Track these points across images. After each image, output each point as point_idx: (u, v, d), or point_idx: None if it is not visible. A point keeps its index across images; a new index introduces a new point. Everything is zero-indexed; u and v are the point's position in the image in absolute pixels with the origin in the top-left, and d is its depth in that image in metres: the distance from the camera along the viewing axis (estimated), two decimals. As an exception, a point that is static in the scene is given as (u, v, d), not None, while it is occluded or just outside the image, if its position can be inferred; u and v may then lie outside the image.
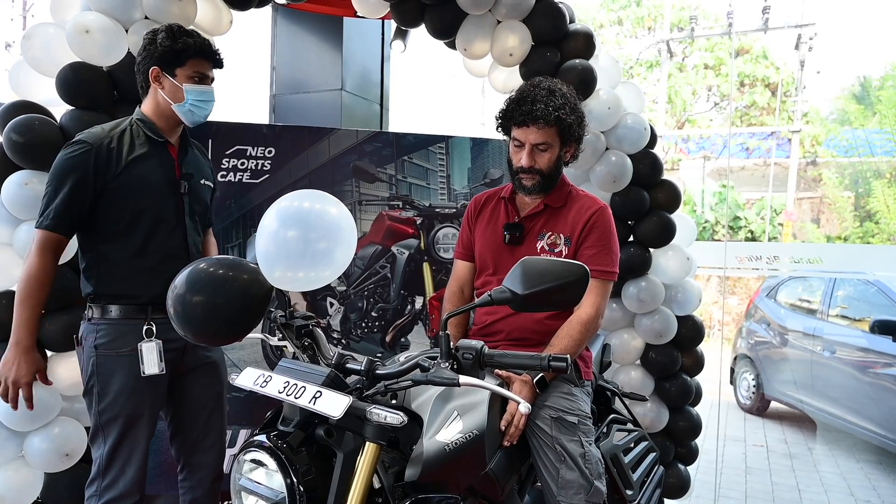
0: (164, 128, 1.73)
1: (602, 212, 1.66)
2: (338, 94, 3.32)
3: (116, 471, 1.63)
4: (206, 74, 1.70)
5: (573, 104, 1.63)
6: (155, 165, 1.69)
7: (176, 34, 1.65)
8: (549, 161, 1.63)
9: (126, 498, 1.63)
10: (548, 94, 1.59)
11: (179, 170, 1.75)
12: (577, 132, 1.64)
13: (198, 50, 1.66)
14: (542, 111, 1.56)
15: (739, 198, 11.27)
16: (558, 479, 1.46)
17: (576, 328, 1.58)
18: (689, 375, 2.54)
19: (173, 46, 1.64)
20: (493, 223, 1.74)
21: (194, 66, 1.66)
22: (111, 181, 1.62)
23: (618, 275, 1.69)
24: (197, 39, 1.67)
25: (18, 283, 1.63)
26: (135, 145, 1.67)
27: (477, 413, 1.34)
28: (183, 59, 1.65)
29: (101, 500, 1.63)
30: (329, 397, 1.06)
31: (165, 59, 1.65)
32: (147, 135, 1.69)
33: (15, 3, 10.25)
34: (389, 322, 2.74)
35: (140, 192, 1.65)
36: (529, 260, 1.13)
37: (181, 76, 1.66)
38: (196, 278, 1.26)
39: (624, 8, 13.96)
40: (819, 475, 3.76)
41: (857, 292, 4.31)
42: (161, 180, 1.70)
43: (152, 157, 1.69)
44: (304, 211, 1.28)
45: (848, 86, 12.03)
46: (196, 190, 1.78)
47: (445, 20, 2.32)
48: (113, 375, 1.63)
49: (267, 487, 1.09)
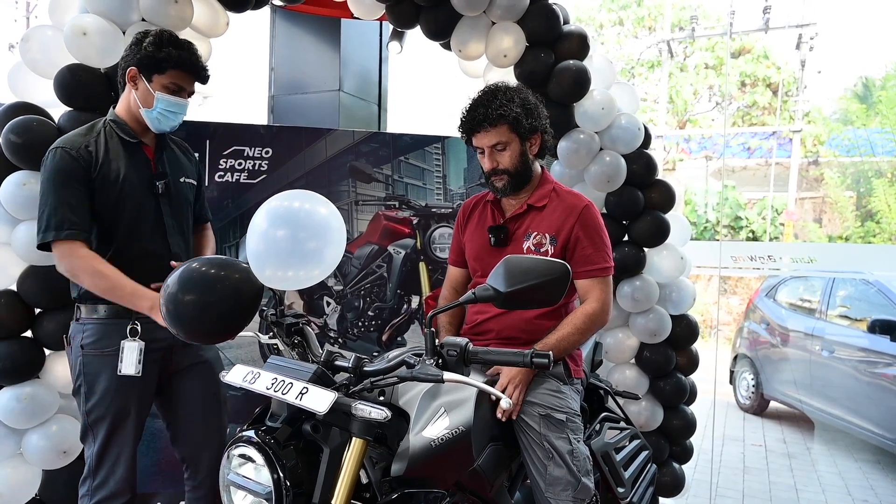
0: (137, 129, 1.72)
1: (588, 209, 1.68)
2: (336, 95, 3.34)
3: (106, 470, 1.64)
4: (182, 87, 1.68)
5: (521, 98, 1.64)
6: (129, 166, 1.68)
7: (163, 42, 1.64)
8: (511, 158, 1.65)
9: (117, 497, 1.64)
10: (489, 97, 1.62)
11: (155, 170, 1.74)
12: (530, 123, 1.64)
13: (180, 63, 1.65)
14: (484, 114, 1.60)
15: (741, 198, 11.25)
16: (546, 476, 1.48)
17: (580, 318, 1.60)
18: (684, 374, 2.55)
19: (156, 54, 1.63)
20: (480, 227, 1.76)
21: (173, 76, 1.66)
22: (92, 183, 1.62)
23: (614, 267, 1.71)
24: (184, 53, 1.66)
25: (90, 288, 1.61)
26: (108, 147, 1.67)
27: (464, 410, 1.36)
28: (163, 67, 1.65)
29: (93, 500, 1.64)
30: (315, 393, 1.08)
31: (145, 63, 1.64)
32: (119, 136, 1.69)
33: (18, 5, 10.32)
34: (386, 321, 2.75)
35: (116, 194, 1.65)
36: (512, 258, 1.15)
37: (157, 83, 1.65)
38: (188, 277, 1.28)
39: (624, 8, 13.95)
40: (817, 475, 3.76)
41: (857, 292, 4.31)
42: (135, 181, 1.68)
43: (125, 158, 1.68)
44: (293, 211, 1.30)
45: (850, 85, 12.00)
46: (176, 189, 1.77)
47: (440, 21, 2.34)
48: (99, 375, 1.63)
49: (255, 482, 1.11)
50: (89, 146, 1.64)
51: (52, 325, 1.91)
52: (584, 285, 1.65)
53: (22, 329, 1.93)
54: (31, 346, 1.93)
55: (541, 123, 1.69)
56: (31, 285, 1.91)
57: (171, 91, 1.66)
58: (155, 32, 1.66)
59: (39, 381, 1.92)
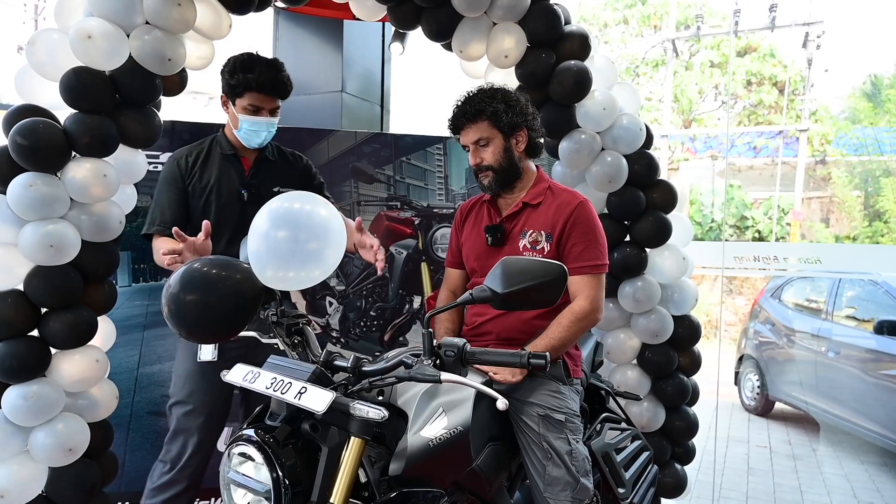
0: (237, 144, 1.94)
1: (582, 206, 1.68)
2: (338, 96, 3.35)
3: (172, 454, 1.79)
4: (260, 107, 1.85)
5: (503, 95, 1.68)
6: (222, 176, 1.91)
7: (235, 69, 1.82)
8: (493, 154, 1.67)
9: (174, 485, 1.75)
10: (469, 96, 1.67)
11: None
12: (511, 118, 1.66)
13: (252, 85, 1.81)
14: (462, 110, 1.65)
15: (747, 197, 11.19)
16: (545, 476, 1.48)
17: (566, 318, 1.60)
18: (686, 375, 2.55)
19: (230, 81, 1.83)
20: (476, 228, 1.77)
21: (250, 98, 1.83)
22: (185, 189, 1.89)
23: (608, 265, 1.71)
24: (256, 75, 1.81)
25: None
26: (209, 158, 1.93)
27: (462, 410, 1.36)
28: (239, 92, 1.83)
29: (154, 484, 1.77)
30: (313, 393, 1.09)
31: (227, 90, 1.86)
32: (220, 149, 1.95)
33: (27, 7, 10.41)
34: (388, 321, 2.77)
35: (203, 200, 1.88)
36: (510, 259, 1.15)
37: (239, 106, 1.85)
38: (189, 278, 1.29)
39: (629, 7, 13.88)
40: (822, 476, 3.74)
41: (865, 293, 4.28)
42: (224, 189, 1.89)
43: (221, 169, 1.92)
44: (294, 212, 1.31)
45: (858, 84, 11.92)
46: (265, 198, 1.87)
47: (441, 22, 2.34)
48: (181, 361, 1.80)
49: (254, 480, 1.12)
50: (190, 156, 1.92)
51: (58, 325, 1.93)
52: (574, 282, 1.64)
53: (28, 328, 1.94)
54: (38, 345, 1.95)
55: (525, 120, 1.69)
56: (38, 285, 1.92)
57: (251, 112, 1.85)
58: (231, 59, 1.84)
59: (46, 380, 1.94)
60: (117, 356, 2.35)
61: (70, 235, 1.91)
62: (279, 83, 1.86)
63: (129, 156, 2.12)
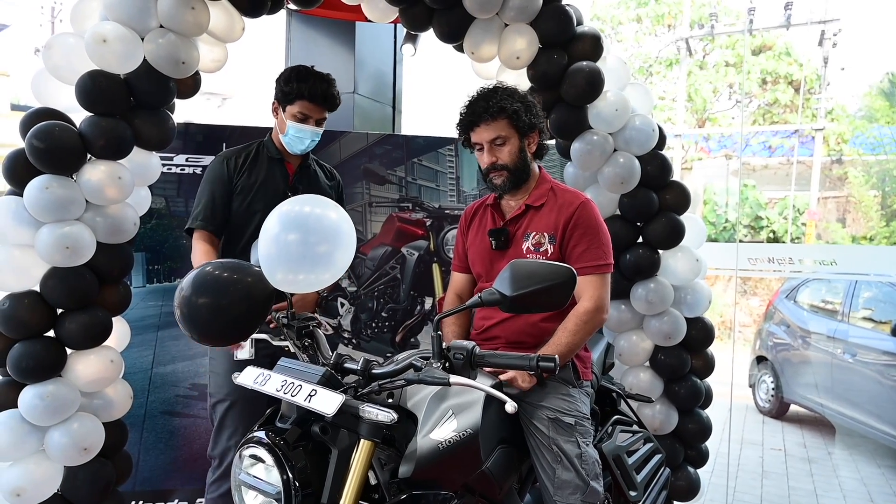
0: (283, 149, 2.06)
1: (584, 206, 1.67)
2: (350, 98, 3.37)
3: (220, 452, 1.85)
4: (308, 116, 1.96)
5: (520, 95, 1.68)
6: (267, 178, 2.01)
7: (291, 78, 1.94)
8: (510, 154, 1.66)
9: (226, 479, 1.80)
10: (489, 92, 1.66)
11: (293, 184, 2.04)
12: (529, 119, 1.66)
13: (305, 94, 1.93)
14: (483, 107, 1.63)
15: (762, 197, 11.05)
16: (555, 480, 1.48)
17: (571, 322, 1.59)
18: (699, 378, 2.52)
19: (284, 88, 1.95)
20: (481, 231, 1.77)
21: (300, 107, 1.95)
22: (232, 187, 1.98)
23: (613, 265, 1.69)
24: (310, 85, 1.93)
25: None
26: (256, 160, 2.03)
27: (472, 412, 1.36)
28: (291, 99, 1.94)
29: (211, 478, 1.85)
30: (323, 395, 1.09)
31: (279, 97, 1.98)
32: (267, 152, 2.06)
33: (44, 10, 10.56)
34: (399, 322, 2.77)
35: (249, 199, 1.98)
36: (518, 262, 1.15)
37: (288, 113, 1.96)
38: (201, 281, 1.30)
39: (643, 5, 13.79)
40: (838, 480, 3.69)
41: (882, 294, 4.21)
42: (268, 191, 1.99)
43: (266, 171, 2.02)
44: (304, 215, 1.32)
45: (875, 82, 11.72)
46: None
47: (453, 24, 2.34)
48: (218, 359, 1.87)
49: (265, 482, 1.13)
50: (238, 157, 2.02)
51: (74, 325, 1.95)
52: (578, 283, 1.64)
53: (44, 329, 1.97)
54: (54, 345, 1.98)
55: (539, 122, 1.69)
56: (54, 286, 1.95)
57: (299, 119, 1.96)
58: (287, 69, 1.98)
59: (61, 380, 1.97)
60: (131, 356, 2.37)
61: (85, 237, 1.93)
62: (329, 95, 1.98)
63: (144, 158, 2.15)
